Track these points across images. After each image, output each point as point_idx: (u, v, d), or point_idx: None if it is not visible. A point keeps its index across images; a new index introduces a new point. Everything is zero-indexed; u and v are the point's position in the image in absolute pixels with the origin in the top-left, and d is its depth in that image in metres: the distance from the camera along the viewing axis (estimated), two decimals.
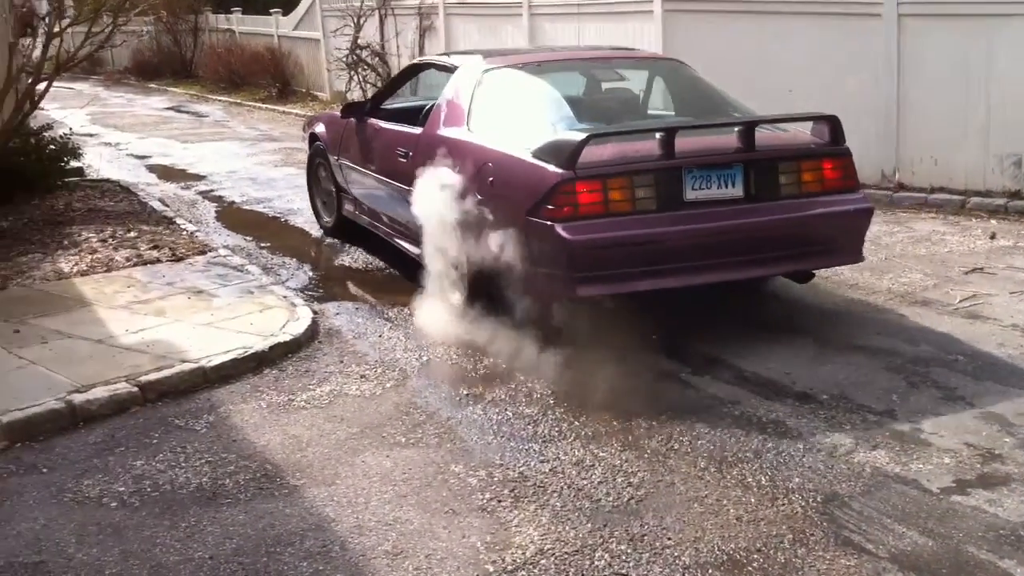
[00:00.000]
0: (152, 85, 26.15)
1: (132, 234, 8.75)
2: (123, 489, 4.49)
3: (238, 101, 21.40)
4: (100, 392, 5.34)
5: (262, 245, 8.94)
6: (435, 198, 6.53)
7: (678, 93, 7.55)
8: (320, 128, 9.35)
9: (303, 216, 9.93)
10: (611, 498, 4.33)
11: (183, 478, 4.59)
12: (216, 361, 5.81)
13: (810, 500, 4.26)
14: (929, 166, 10.07)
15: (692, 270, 5.92)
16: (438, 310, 6.64)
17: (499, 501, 4.32)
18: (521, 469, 4.61)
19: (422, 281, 6.84)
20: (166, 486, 4.52)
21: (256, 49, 22.63)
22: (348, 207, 8.77)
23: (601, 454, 4.74)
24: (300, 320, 6.53)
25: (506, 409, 5.28)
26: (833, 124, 6.34)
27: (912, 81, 10.07)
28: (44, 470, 4.69)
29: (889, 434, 4.88)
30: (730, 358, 5.92)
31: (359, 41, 17.89)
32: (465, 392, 5.54)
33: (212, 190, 11.65)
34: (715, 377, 5.65)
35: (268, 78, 21.65)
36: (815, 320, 6.63)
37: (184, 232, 8.99)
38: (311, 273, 8.11)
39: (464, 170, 6.46)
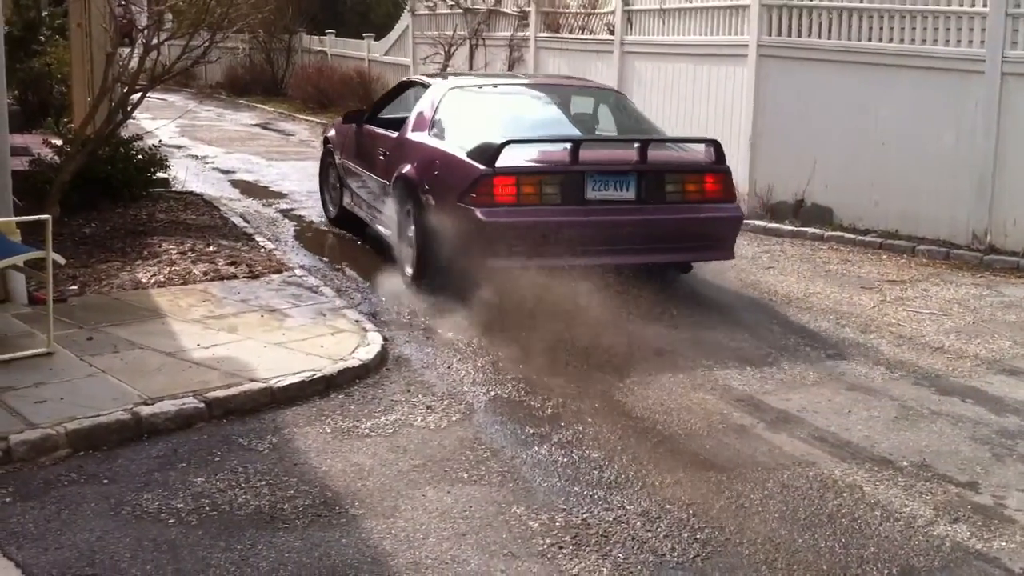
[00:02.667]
0: (242, 101, 26.59)
1: (211, 248, 8.81)
2: (182, 506, 4.45)
3: (324, 121, 21.60)
4: (167, 405, 5.32)
5: (337, 267, 8.94)
6: (399, 187, 8.29)
7: (614, 116, 9.03)
8: (331, 133, 10.99)
9: (381, 241, 9.91)
10: (676, 553, 4.18)
11: (242, 499, 4.54)
12: (284, 382, 5.77)
13: (884, 572, 4.08)
14: None
15: (588, 253, 7.29)
16: (396, 281, 8.20)
17: (560, 548, 4.20)
18: (584, 516, 4.48)
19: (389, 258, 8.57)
20: (225, 506, 4.47)
21: (346, 71, 22.90)
22: (347, 199, 10.23)
23: (668, 506, 4.59)
24: (370, 346, 6.48)
25: (572, 451, 5.16)
26: (716, 147, 7.87)
27: (1011, 141, 9.81)
28: (105, 481, 4.67)
29: (971, 507, 4.68)
30: (808, 416, 5.74)
31: (448, 70, 17.99)
32: (531, 431, 5.42)
33: (293, 208, 11.72)
34: (791, 434, 5.47)
35: (355, 100, 21.85)
36: (899, 382, 6.41)
37: (262, 249, 9.02)
38: (383, 299, 8.05)
39: (420, 165, 8.09)
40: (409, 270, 8.15)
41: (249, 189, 13.07)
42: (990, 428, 5.65)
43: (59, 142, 10.51)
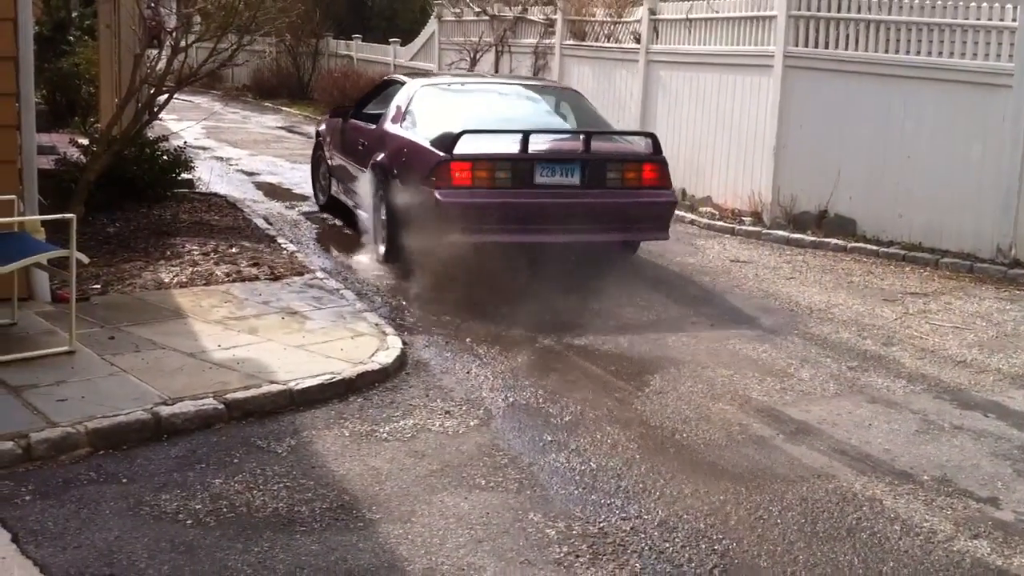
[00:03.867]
0: (267, 104, 26.71)
1: (234, 250, 8.84)
2: (200, 507, 4.46)
3: None
4: (187, 406, 5.34)
5: (357, 270, 8.94)
6: (374, 173, 9.22)
7: (570, 112, 9.92)
8: (322, 127, 12.09)
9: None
10: (693, 564, 4.16)
11: (260, 501, 4.55)
12: (304, 384, 5.78)
13: None
14: None
15: (537, 231, 8.23)
16: (369, 258, 9.25)
17: (576, 556, 4.19)
18: (602, 524, 4.46)
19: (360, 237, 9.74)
20: (242, 508, 4.48)
21: (372, 76, 22.92)
22: (334, 187, 11.21)
23: (685, 516, 4.57)
24: (390, 350, 6.49)
25: (590, 460, 5.15)
26: (653, 140, 8.76)
27: None
28: (124, 480, 4.69)
29: (992, 523, 4.64)
30: (828, 428, 5.71)
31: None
32: (549, 438, 5.42)
33: (315, 211, 11.75)
34: (811, 446, 5.44)
35: None
36: (921, 395, 6.36)
37: (284, 252, 9.06)
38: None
39: (391, 153, 9.02)
40: (382, 248, 9.11)
41: (273, 191, 13.11)
42: (1012, 443, 5.60)
43: (85, 142, 10.60)
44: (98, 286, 7.50)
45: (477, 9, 18.78)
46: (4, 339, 6.21)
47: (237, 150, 17.10)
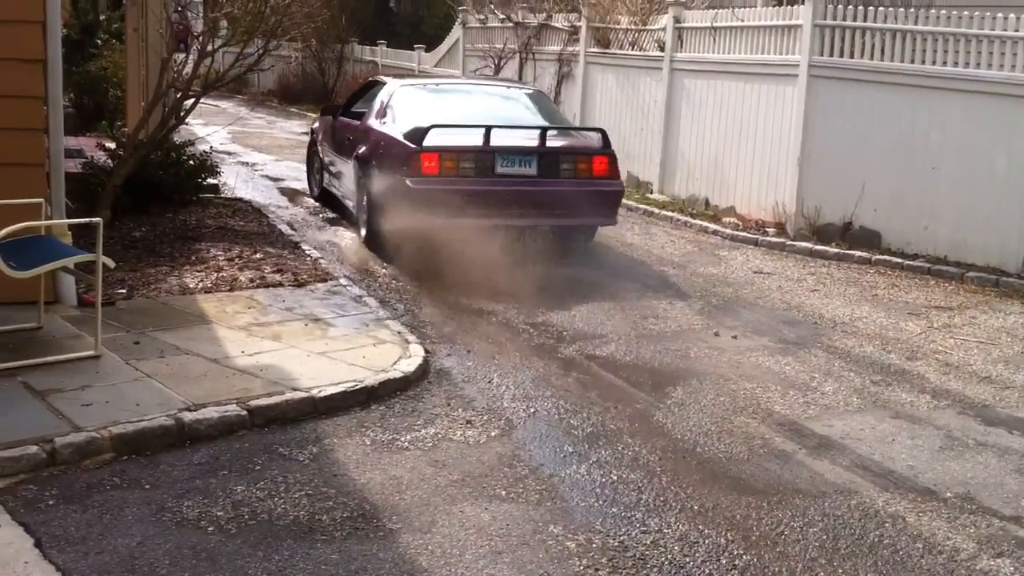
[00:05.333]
0: (293, 109, 26.81)
1: (258, 256, 8.88)
2: (221, 514, 4.48)
3: None
4: (210, 412, 5.36)
5: (380, 277, 8.96)
6: (357, 164, 10.15)
7: (534, 110, 10.72)
8: (315, 125, 13.06)
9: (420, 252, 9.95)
10: None
11: (281, 509, 4.56)
12: (326, 392, 5.80)
13: None
14: None
15: (497, 216, 9.11)
16: (352, 240, 10.35)
17: (596, 570, 4.18)
18: (622, 538, 4.46)
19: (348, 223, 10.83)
20: (264, 515, 4.49)
21: None
22: (326, 179, 12.17)
23: (707, 531, 4.56)
24: (412, 358, 6.50)
25: (611, 472, 5.14)
26: (603, 135, 9.77)
27: None
28: (147, 486, 4.71)
29: (1016, 542, 4.61)
30: (851, 443, 5.68)
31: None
32: (570, 449, 5.41)
33: (339, 217, 11.78)
34: (833, 461, 5.41)
35: None
36: (945, 411, 6.32)
37: (308, 258, 9.08)
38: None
39: (371, 145, 9.97)
40: (363, 231, 10.05)
41: (297, 197, 13.15)
42: None
43: (112, 146, 10.65)
44: (124, 290, 7.55)
45: (502, 16, 18.81)
46: (30, 343, 6.26)
47: (262, 155, 17.16)
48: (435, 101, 10.52)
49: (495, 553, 4.27)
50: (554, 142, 9.60)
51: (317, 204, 12.54)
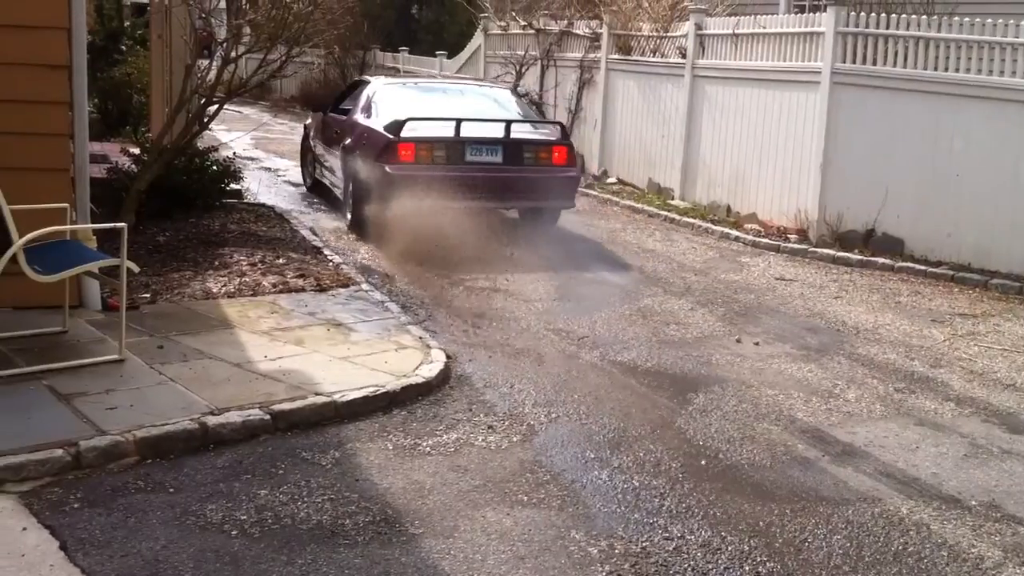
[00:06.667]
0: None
1: (281, 261, 8.92)
2: (245, 518, 4.50)
3: None
4: (233, 416, 5.38)
5: (403, 282, 8.98)
6: (343, 155, 11.26)
7: (501, 105, 11.81)
8: (308, 121, 14.29)
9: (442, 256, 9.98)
10: None
11: (304, 513, 4.58)
12: (348, 397, 5.81)
13: None
14: None
15: (467, 199, 9.96)
16: (338, 222, 11.51)
17: None
18: (644, 544, 4.45)
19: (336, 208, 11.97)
20: (287, 519, 4.51)
21: None
22: (318, 171, 13.32)
23: (729, 537, 4.55)
24: (434, 363, 6.51)
25: (632, 478, 5.13)
26: (562, 128, 11.53)
27: None
28: (171, 490, 4.73)
29: None
30: (874, 450, 5.65)
31: (519, 89, 18.07)
32: (592, 455, 5.41)
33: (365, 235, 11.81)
34: (857, 469, 5.39)
35: None
36: (969, 419, 6.29)
37: (330, 263, 9.11)
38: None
39: (355, 137, 11.07)
40: (348, 216, 11.16)
41: (319, 203, 13.19)
42: None
43: (137, 151, 10.72)
44: (148, 295, 7.59)
45: (523, 23, 18.82)
46: (55, 347, 6.30)
47: (285, 161, 17.21)
48: (413, 97, 11.60)
49: (517, 558, 4.27)
50: (518, 134, 10.63)
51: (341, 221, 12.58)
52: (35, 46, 6.69)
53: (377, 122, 10.81)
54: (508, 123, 10.54)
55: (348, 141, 11.17)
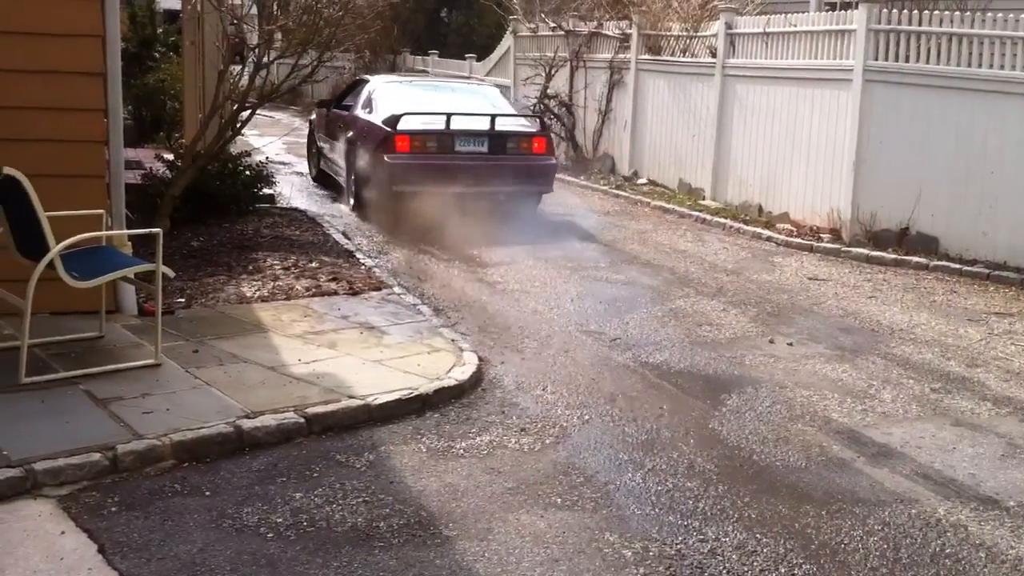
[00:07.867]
0: None
1: (313, 264, 8.97)
2: (280, 520, 4.52)
3: None
4: (269, 420, 5.42)
5: (436, 286, 9.00)
6: (346, 146, 12.45)
7: (488, 101, 12.97)
8: (313, 117, 15.53)
9: (472, 260, 9.99)
10: None
11: (339, 515, 4.60)
12: (382, 400, 5.84)
13: None
14: None
15: (457, 184, 11.06)
16: (341, 208, 12.62)
17: None
18: (679, 546, 4.44)
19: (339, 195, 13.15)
20: (322, 522, 4.53)
21: None
22: (322, 162, 14.57)
23: (765, 540, 4.53)
24: (466, 366, 6.52)
25: (667, 480, 5.12)
26: (541, 121, 13.21)
27: None
28: (207, 493, 4.77)
29: None
30: (911, 451, 5.61)
31: (548, 91, 18.07)
32: (625, 457, 5.40)
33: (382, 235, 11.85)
34: (893, 470, 5.35)
35: None
36: (1007, 419, 6.23)
37: (362, 267, 9.15)
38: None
39: (357, 130, 12.24)
40: (351, 200, 12.41)
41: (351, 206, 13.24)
42: None
43: (170, 157, 10.81)
44: (182, 300, 7.65)
45: (552, 24, 18.82)
46: (92, 351, 6.37)
47: None
48: (409, 94, 12.70)
49: (552, 561, 4.28)
50: (502, 126, 11.75)
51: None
52: (71, 54, 6.77)
53: (376, 117, 11.94)
54: (493, 117, 11.73)
55: (350, 134, 12.36)
